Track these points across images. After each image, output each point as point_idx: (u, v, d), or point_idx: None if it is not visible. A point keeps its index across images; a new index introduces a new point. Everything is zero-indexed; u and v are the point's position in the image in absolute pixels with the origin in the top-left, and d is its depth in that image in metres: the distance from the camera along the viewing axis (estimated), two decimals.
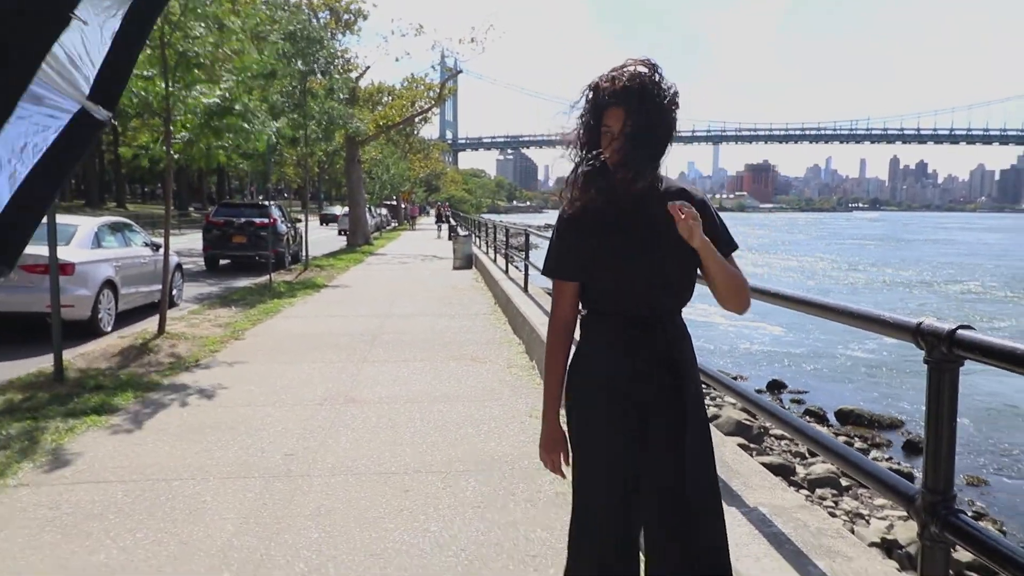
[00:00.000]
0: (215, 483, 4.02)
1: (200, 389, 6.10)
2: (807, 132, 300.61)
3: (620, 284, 1.89)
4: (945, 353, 1.82)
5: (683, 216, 1.74)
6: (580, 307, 2.01)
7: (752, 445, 7.53)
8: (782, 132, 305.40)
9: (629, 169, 1.81)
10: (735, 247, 1.99)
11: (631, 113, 1.77)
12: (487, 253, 18.83)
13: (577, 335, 2.03)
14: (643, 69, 1.79)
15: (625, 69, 1.80)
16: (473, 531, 3.45)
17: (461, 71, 33.72)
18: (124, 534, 3.38)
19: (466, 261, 18.22)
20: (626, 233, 1.88)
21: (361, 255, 22.57)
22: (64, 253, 7.91)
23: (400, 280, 15.51)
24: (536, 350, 6.99)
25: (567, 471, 2.04)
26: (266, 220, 16.88)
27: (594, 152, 1.86)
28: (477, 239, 23.26)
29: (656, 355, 1.90)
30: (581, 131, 1.88)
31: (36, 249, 6.96)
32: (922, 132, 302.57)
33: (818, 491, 6.45)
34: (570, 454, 2.01)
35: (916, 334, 1.91)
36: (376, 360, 7.32)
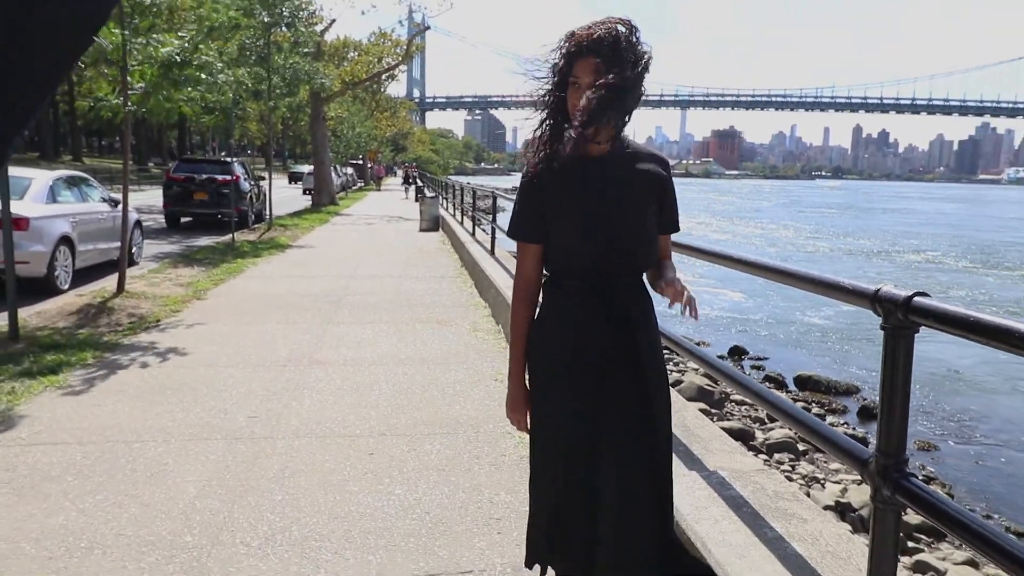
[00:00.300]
0: (177, 445, 3.99)
1: (161, 349, 6.00)
2: (773, 99, 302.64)
3: (580, 246, 1.90)
4: (901, 319, 1.86)
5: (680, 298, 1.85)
6: (544, 269, 2.02)
7: (713, 410, 7.68)
8: (749, 98, 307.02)
9: (593, 122, 1.80)
10: (677, 230, 2.07)
11: (603, 64, 1.76)
12: (454, 215, 18.70)
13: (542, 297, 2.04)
14: (621, 27, 1.80)
15: (604, 24, 1.80)
16: (438, 494, 3.48)
17: (429, 27, 33.10)
18: (83, 496, 3.34)
19: (433, 223, 18.09)
20: (588, 195, 1.89)
21: (326, 215, 22.27)
22: (18, 207, 7.66)
23: (366, 241, 15.35)
24: (502, 313, 7.00)
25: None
26: (229, 177, 16.44)
27: (559, 111, 1.87)
28: (444, 201, 23.08)
29: (615, 316, 1.91)
30: (551, 82, 1.87)
31: None
32: (885, 101, 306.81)
33: (776, 456, 6.62)
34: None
35: (874, 300, 1.94)
36: (341, 322, 7.27)
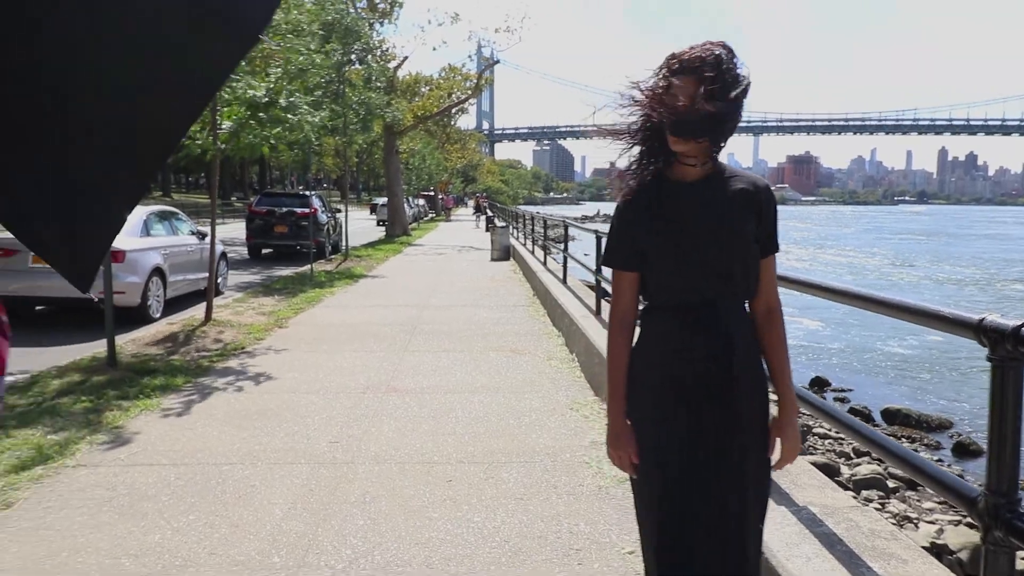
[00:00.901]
0: (263, 468, 4.11)
1: (246, 375, 6.22)
2: (850, 123, 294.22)
3: (677, 273, 1.84)
4: (1010, 351, 1.78)
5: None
6: (642, 297, 1.96)
7: None
8: (824, 123, 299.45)
9: (690, 137, 1.78)
10: (777, 249, 1.97)
11: (702, 83, 1.73)
12: (525, 244, 18.82)
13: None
14: (721, 50, 1.78)
15: (704, 46, 1.79)
16: (516, 523, 3.47)
17: (498, 61, 33.72)
18: (177, 516, 3.47)
19: (504, 252, 18.23)
20: (685, 221, 1.84)
21: (399, 246, 22.75)
22: (115, 241, 8.08)
23: (438, 271, 15.60)
24: (576, 342, 6.97)
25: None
26: (307, 210, 17.08)
27: (654, 137, 1.84)
28: (515, 230, 23.26)
29: (713, 346, 1.83)
30: (648, 100, 1.82)
31: None
32: (972, 123, 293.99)
33: (864, 492, 6.32)
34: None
35: (978, 331, 1.86)
36: (416, 350, 7.38)
